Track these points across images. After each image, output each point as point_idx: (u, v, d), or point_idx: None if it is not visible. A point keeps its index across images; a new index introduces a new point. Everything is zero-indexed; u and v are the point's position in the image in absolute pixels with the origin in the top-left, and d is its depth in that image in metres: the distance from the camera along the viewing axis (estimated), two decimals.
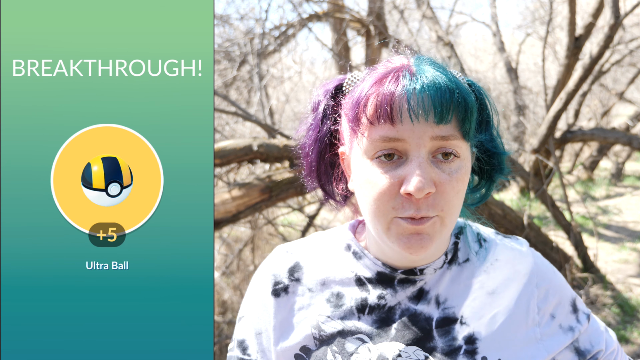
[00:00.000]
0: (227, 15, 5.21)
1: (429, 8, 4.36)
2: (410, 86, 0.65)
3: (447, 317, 0.74)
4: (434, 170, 0.67)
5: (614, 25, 3.25)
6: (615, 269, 4.93)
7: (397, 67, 0.69)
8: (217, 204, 2.89)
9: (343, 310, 0.76)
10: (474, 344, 0.73)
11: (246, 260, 4.28)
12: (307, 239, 0.85)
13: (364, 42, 5.42)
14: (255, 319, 0.80)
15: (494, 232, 0.85)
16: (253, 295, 0.82)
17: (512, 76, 6.29)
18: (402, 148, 0.66)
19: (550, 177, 4.56)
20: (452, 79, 0.67)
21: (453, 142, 0.67)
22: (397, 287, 0.76)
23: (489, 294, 0.76)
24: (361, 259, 0.79)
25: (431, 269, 0.76)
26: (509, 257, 0.80)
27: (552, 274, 0.81)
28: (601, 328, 0.85)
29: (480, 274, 0.78)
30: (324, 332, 0.75)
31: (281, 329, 0.77)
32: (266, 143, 3.02)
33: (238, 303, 3.89)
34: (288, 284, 0.79)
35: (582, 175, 9.51)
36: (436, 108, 0.64)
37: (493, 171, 0.77)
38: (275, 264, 0.81)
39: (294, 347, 0.76)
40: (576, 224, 4.52)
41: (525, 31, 7.82)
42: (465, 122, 0.67)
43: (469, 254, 0.79)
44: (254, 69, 3.95)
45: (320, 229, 4.73)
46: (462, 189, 0.69)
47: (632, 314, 3.98)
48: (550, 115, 3.99)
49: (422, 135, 0.65)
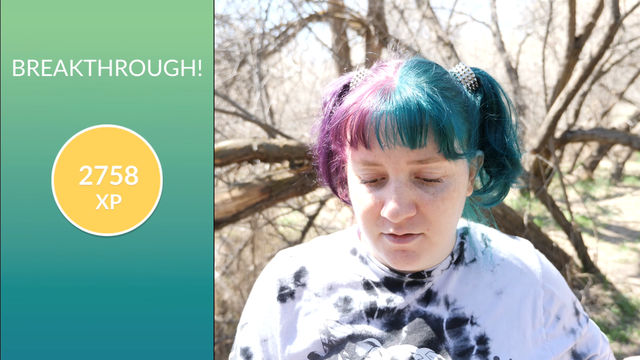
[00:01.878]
0: (227, 15, 5.21)
1: (429, 8, 4.36)
2: (381, 108, 0.62)
3: (458, 318, 0.74)
4: (415, 191, 0.65)
5: (614, 25, 3.25)
6: (615, 269, 4.93)
7: (379, 81, 0.66)
8: (217, 204, 2.89)
9: (352, 314, 0.74)
10: (486, 344, 0.72)
11: (246, 260, 4.28)
12: (311, 244, 0.84)
13: (364, 42, 5.42)
14: (260, 325, 0.79)
15: (498, 233, 0.85)
16: (257, 300, 0.80)
17: (512, 76, 6.28)
18: (382, 171, 0.66)
19: (550, 177, 4.56)
20: (429, 99, 0.62)
21: (433, 164, 0.64)
22: (405, 289, 0.75)
23: (496, 293, 0.76)
24: (367, 263, 0.78)
25: (438, 270, 0.75)
26: (515, 258, 0.80)
27: (557, 277, 0.81)
28: (597, 333, 0.85)
29: (487, 274, 0.77)
30: (333, 337, 0.73)
31: (288, 334, 0.75)
32: (266, 143, 3.02)
33: (238, 303, 3.89)
34: (294, 289, 0.78)
35: (582, 175, 9.50)
36: (405, 134, 0.61)
37: (505, 172, 0.74)
38: (280, 269, 0.80)
39: (302, 353, 0.74)
40: (576, 224, 4.52)
41: (525, 31, 7.81)
42: (442, 144, 0.63)
43: (475, 254, 0.79)
44: (254, 69, 3.95)
45: (320, 229, 4.73)
46: (452, 207, 0.67)
47: (632, 314, 3.97)
48: (550, 115, 3.99)
49: (398, 160, 0.64)
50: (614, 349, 3.51)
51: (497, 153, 0.72)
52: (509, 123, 0.73)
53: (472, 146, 0.69)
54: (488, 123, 0.71)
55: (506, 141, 0.72)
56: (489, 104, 0.71)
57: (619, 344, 3.56)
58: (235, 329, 3.94)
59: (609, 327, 3.77)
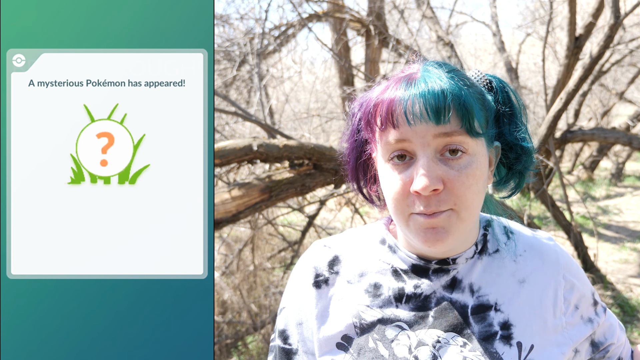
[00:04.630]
0: (227, 15, 5.21)
1: (429, 8, 4.36)
2: (407, 92, 0.71)
3: (482, 304, 0.78)
4: (442, 167, 0.71)
5: (614, 25, 3.25)
6: (615, 269, 4.93)
7: (403, 76, 0.74)
8: (217, 204, 2.89)
9: (381, 299, 0.79)
10: (509, 329, 0.76)
11: (246, 260, 4.28)
12: (343, 234, 0.90)
13: (364, 42, 5.42)
14: (296, 309, 0.84)
15: (520, 226, 0.88)
16: (294, 287, 0.86)
17: (512, 76, 6.28)
18: (411, 148, 0.71)
19: (551, 177, 4.56)
20: (450, 82, 0.71)
21: (458, 137, 0.70)
22: (431, 276, 0.79)
23: (519, 282, 0.80)
24: (396, 252, 0.82)
25: (463, 259, 0.79)
26: (536, 249, 0.84)
27: (577, 268, 0.86)
28: (615, 322, 0.89)
29: (510, 264, 0.81)
30: (364, 321, 0.78)
31: (322, 318, 0.80)
32: (266, 143, 3.02)
33: (238, 303, 3.89)
34: (328, 276, 0.83)
35: (582, 175, 9.51)
36: (431, 110, 0.69)
37: (518, 164, 0.80)
38: (316, 258, 0.85)
39: (336, 336, 0.79)
40: (576, 224, 4.52)
41: (525, 31, 7.81)
42: (464, 120, 0.70)
43: (498, 245, 0.83)
44: (254, 69, 3.95)
45: (320, 229, 4.73)
46: (475, 184, 0.72)
47: (632, 314, 3.98)
48: (550, 115, 3.99)
49: (425, 134, 0.70)
50: None
51: (511, 144, 0.79)
52: (519, 116, 0.80)
53: (490, 131, 0.76)
54: (502, 116, 0.79)
55: (519, 132, 0.79)
56: (501, 99, 0.79)
57: None
58: (235, 329, 3.94)
59: None
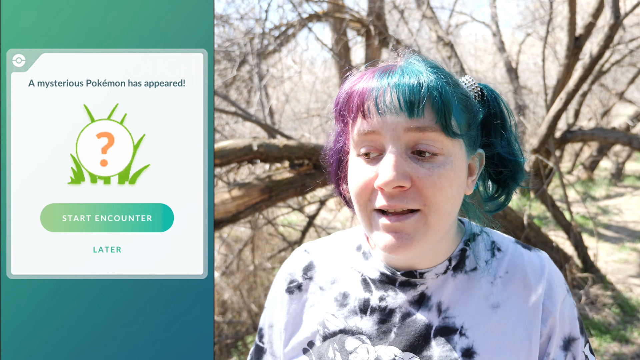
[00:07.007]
0: (227, 15, 5.20)
1: (429, 8, 4.36)
2: (381, 81, 0.66)
3: (447, 327, 0.72)
4: (411, 164, 0.65)
5: (614, 25, 3.25)
6: (615, 269, 4.93)
7: (381, 67, 0.69)
8: (217, 204, 2.89)
9: (347, 309, 0.77)
10: (471, 357, 0.69)
11: (246, 260, 4.28)
12: (327, 238, 0.88)
13: (364, 42, 5.41)
14: (270, 312, 0.86)
15: (514, 242, 0.80)
16: (273, 290, 0.88)
17: (512, 76, 6.29)
18: (380, 142, 0.66)
19: (550, 177, 4.56)
20: (429, 76, 0.65)
21: (431, 134, 0.64)
22: (398, 289, 0.75)
23: (492, 307, 0.72)
24: (368, 259, 0.79)
25: (432, 274, 0.74)
26: (522, 273, 0.75)
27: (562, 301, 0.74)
28: None
29: (486, 286, 0.74)
30: (327, 329, 0.77)
31: (293, 324, 0.80)
32: (266, 143, 3.02)
33: (238, 303, 3.89)
34: (302, 282, 0.82)
35: (582, 175, 9.51)
36: (404, 100, 0.63)
37: (508, 178, 0.75)
38: (293, 263, 0.86)
39: (303, 341, 0.78)
40: (576, 224, 4.52)
41: (525, 31, 7.81)
42: (440, 115, 0.64)
43: (478, 263, 0.75)
44: (254, 69, 3.95)
45: (320, 229, 4.73)
46: (449, 186, 0.65)
47: (632, 314, 3.97)
48: (550, 115, 3.99)
49: (396, 127, 0.64)
50: (614, 349, 3.51)
51: (503, 158, 0.74)
52: (511, 130, 0.75)
53: (472, 133, 0.70)
54: (493, 128, 0.74)
55: (510, 146, 0.74)
56: (492, 110, 0.74)
57: (619, 344, 3.56)
58: (235, 329, 3.94)
59: (609, 327, 3.77)
